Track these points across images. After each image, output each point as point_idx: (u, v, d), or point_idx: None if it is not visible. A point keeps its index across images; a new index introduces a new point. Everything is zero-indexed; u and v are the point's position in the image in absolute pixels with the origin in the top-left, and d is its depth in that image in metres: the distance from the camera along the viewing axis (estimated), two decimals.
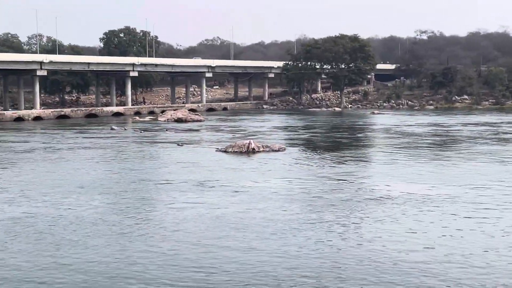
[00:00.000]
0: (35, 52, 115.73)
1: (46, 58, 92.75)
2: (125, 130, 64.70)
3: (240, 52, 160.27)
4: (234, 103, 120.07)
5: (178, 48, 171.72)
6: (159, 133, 61.14)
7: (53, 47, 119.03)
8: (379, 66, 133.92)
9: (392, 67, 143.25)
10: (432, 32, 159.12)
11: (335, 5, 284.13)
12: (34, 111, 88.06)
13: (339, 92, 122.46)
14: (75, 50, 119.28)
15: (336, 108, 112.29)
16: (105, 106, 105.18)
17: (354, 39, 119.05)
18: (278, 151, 42.82)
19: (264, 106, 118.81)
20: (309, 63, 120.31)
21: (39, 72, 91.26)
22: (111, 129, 65.19)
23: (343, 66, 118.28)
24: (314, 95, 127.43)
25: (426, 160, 38.52)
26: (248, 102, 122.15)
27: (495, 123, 71.01)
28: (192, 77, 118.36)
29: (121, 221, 21.96)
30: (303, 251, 18.17)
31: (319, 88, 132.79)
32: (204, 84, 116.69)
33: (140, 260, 17.42)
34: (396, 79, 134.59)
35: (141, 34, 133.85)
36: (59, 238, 19.71)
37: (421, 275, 16.04)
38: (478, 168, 34.43)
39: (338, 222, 21.60)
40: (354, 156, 40.67)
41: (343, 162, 37.33)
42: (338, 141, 52.78)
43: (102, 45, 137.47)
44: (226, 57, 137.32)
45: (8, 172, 34.16)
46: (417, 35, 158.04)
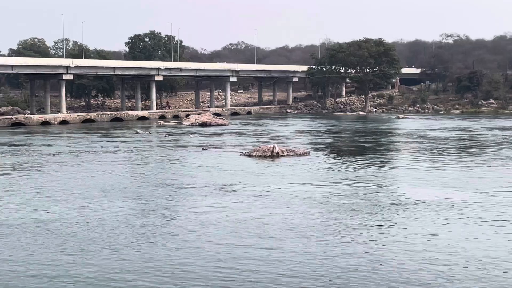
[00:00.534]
0: (62, 57, 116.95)
1: (72, 62, 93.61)
2: (150, 134, 65.03)
3: (265, 56, 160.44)
4: (258, 107, 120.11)
5: (203, 53, 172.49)
6: (184, 137, 61.37)
7: (79, 51, 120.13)
8: (404, 70, 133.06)
9: (418, 71, 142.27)
10: (458, 35, 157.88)
11: (360, 9, 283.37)
12: (60, 115, 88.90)
13: (363, 96, 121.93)
14: (100, 55, 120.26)
15: (361, 113, 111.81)
16: (130, 110, 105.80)
17: (379, 43, 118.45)
18: (302, 155, 42.73)
19: (288, 110, 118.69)
20: (333, 67, 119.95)
21: (65, 77, 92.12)
22: (136, 133, 65.56)
23: (367, 70, 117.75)
24: (338, 99, 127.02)
25: (450, 165, 38.16)
26: (272, 106, 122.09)
27: None
28: (216, 81, 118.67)
29: (143, 224, 22.05)
30: (326, 256, 18.09)
31: (344, 92, 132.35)
32: (228, 88, 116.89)
33: (161, 263, 17.48)
34: (422, 83, 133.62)
35: (166, 38, 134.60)
36: (82, 240, 19.85)
37: (445, 281, 15.91)
38: (503, 173, 34.05)
39: (362, 227, 21.49)
40: (378, 161, 40.45)
41: (367, 167, 37.15)
42: (363, 145, 52.54)
43: (127, 49, 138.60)
44: (250, 61, 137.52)
45: (34, 175, 34.49)
46: (442, 39, 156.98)
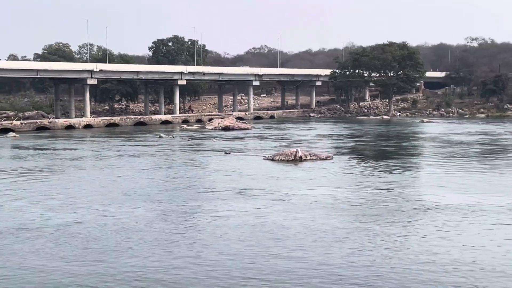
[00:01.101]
0: (86, 61, 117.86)
1: (96, 67, 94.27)
2: (173, 138, 65.18)
3: (288, 60, 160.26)
4: (281, 111, 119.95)
5: (226, 57, 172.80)
6: (207, 141, 61.41)
7: (103, 56, 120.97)
8: (429, 74, 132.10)
9: (442, 74, 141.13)
10: (483, 39, 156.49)
11: (384, 13, 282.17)
12: (84, 119, 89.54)
13: (387, 100, 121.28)
14: (124, 59, 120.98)
15: (385, 116, 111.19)
16: (153, 114, 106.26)
17: (403, 46, 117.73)
18: (325, 159, 42.49)
19: (311, 114, 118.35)
20: (357, 71, 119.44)
21: (89, 81, 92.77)
22: (159, 137, 65.75)
23: (391, 74, 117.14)
24: (362, 103, 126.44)
25: (474, 169, 37.69)
26: (295, 110, 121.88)
27: None
28: (239, 85, 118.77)
29: (164, 228, 22.01)
30: (347, 261, 17.89)
31: (367, 96, 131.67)
32: (251, 92, 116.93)
33: (182, 267, 17.42)
34: (446, 87, 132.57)
35: (189, 42, 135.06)
36: (104, 245, 19.85)
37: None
38: None
39: (384, 233, 21.23)
40: (402, 165, 40.08)
41: (391, 172, 36.82)
42: (386, 149, 52.17)
43: (151, 54, 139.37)
44: (273, 65, 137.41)
45: (56, 179, 34.68)
46: (467, 42, 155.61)
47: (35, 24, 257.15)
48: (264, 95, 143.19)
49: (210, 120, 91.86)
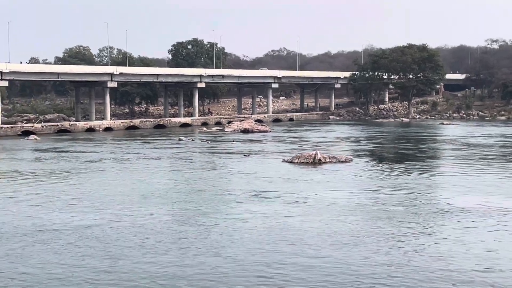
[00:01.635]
0: (106, 64, 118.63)
1: (116, 70, 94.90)
2: (192, 140, 65.41)
3: (307, 62, 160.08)
4: (300, 113, 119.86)
5: (245, 59, 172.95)
6: (226, 143, 61.56)
7: (123, 59, 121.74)
8: (448, 76, 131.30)
9: (462, 77, 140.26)
10: (503, 41, 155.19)
11: (403, 15, 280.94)
12: (104, 122, 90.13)
13: (407, 102, 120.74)
14: (144, 62, 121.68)
15: (404, 119, 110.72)
16: (173, 117, 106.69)
17: (423, 48, 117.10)
18: (344, 162, 42.42)
19: (331, 117, 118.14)
20: (376, 73, 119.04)
21: (109, 84, 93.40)
22: (179, 139, 66.00)
23: (411, 76, 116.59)
24: (381, 106, 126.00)
25: (492, 172, 37.43)
26: (314, 113, 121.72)
27: None
28: (258, 88, 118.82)
29: (183, 230, 22.12)
30: (364, 263, 17.90)
31: (387, 99, 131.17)
32: (270, 95, 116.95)
33: (199, 270, 17.52)
34: (466, 89, 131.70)
35: (208, 45, 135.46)
36: (122, 246, 20.00)
37: None
38: None
39: (402, 235, 21.18)
40: (421, 168, 39.92)
41: (410, 174, 36.68)
42: (406, 152, 51.96)
43: (170, 56, 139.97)
44: (293, 67, 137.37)
45: (76, 181, 34.96)
46: (488, 44, 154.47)
47: (56, 28, 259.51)
48: (283, 97, 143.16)
49: (229, 122, 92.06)
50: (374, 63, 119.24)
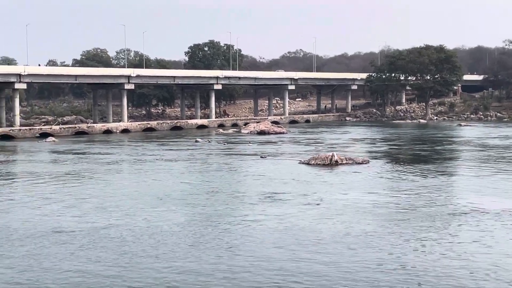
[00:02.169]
0: (123, 67, 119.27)
1: (133, 72, 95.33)
2: (209, 142, 65.50)
3: (323, 64, 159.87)
4: (316, 115, 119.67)
5: (261, 61, 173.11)
6: (242, 145, 61.58)
7: (140, 61, 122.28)
8: (466, 77, 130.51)
9: (480, 78, 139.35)
10: None
11: (420, 16, 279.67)
12: (122, 123, 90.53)
13: (424, 103, 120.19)
14: (161, 64, 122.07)
15: (421, 120, 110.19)
16: (189, 118, 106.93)
17: (440, 49, 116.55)
18: (361, 163, 42.29)
19: (347, 118, 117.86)
20: (393, 75, 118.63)
21: (127, 86, 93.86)
22: (196, 141, 66.12)
23: (428, 78, 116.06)
24: (398, 107, 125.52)
25: (510, 173, 37.23)
26: (331, 114, 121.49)
27: None
28: (274, 89, 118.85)
29: (197, 232, 22.16)
30: (379, 266, 17.83)
31: (404, 100, 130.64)
32: (286, 97, 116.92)
33: (213, 270, 17.55)
34: (484, 90, 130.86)
35: (224, 47, 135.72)
36: (137, 248, 20.07)
37: None
38: None
39: (418, 238, 21.06)
40: (439, 170, 39.68)
41: (427, 176, 36.47)
42: (423, 154, 51.70)
43: (187, 58, 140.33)
44: (309, 69, 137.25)
45: (93, 183, 35.14)
46: (506, 45, 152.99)
47: (74, 30, 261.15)
48: (300, 99, 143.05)
49: (246, 124, 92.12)
50: (391, 64, 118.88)
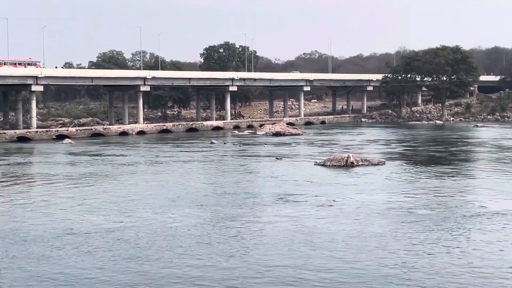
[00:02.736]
0: (139, 69, 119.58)
1: (149, 74, 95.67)
2: (224, 144, 65.57)
3: (338, 65, 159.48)
4: (332, 116, 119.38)
5: (276, 62, 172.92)
6: (258, 146, 61.59)
7: (155, 63, 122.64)
8: (483, 78, 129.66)
9: (497, 78, 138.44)
10: None
11: (436, 16, 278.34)
12: (137, 125, 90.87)
13: (440, 104, 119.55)
14: (176, 66, 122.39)
15: (437, 121, 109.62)
16: (205, 120, 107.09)
17: (456, 50, 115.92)
18: (377, 165, 42.18)
19: (363, 120, 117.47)
20: (409, 76, 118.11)
21: (142, 88, 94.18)
22: (211, 143, 66.21)
23: (444, 78, 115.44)
24: (414, 108, 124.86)
25: None
26: (346, 116, 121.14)
27: None
28: (290, 90, 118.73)
29: (212, 233, 22.20)
30: (397, 267, 17.78)
31: (420, 101, 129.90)
32: (302, 98, 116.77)
33: (227, 271, 17.58)
34: (501, 91, 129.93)
35: (240, 49, 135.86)
36: (152, 249, 20.15)
37: None
38: None
39: (435, 239, 20.99)
40: (455, 171, 39.49)
41: (443, 177, 36.30)
42: (439, 155, 51.46)
43: (202, 60, 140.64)
44: (324, 70, 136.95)
45: (109, 184, 35.31)
46: None
47: (90, 32, 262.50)
48: (315, 100, 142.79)
49: (261, 125, 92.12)
50: (407, 65, 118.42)
